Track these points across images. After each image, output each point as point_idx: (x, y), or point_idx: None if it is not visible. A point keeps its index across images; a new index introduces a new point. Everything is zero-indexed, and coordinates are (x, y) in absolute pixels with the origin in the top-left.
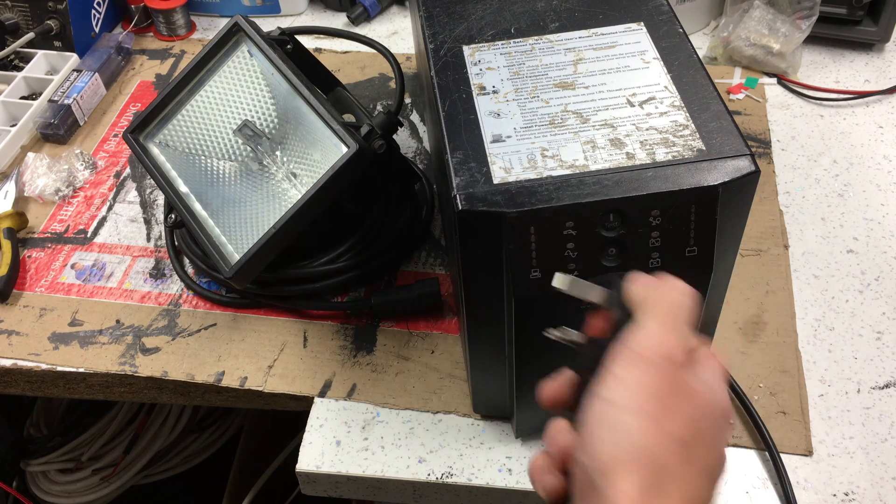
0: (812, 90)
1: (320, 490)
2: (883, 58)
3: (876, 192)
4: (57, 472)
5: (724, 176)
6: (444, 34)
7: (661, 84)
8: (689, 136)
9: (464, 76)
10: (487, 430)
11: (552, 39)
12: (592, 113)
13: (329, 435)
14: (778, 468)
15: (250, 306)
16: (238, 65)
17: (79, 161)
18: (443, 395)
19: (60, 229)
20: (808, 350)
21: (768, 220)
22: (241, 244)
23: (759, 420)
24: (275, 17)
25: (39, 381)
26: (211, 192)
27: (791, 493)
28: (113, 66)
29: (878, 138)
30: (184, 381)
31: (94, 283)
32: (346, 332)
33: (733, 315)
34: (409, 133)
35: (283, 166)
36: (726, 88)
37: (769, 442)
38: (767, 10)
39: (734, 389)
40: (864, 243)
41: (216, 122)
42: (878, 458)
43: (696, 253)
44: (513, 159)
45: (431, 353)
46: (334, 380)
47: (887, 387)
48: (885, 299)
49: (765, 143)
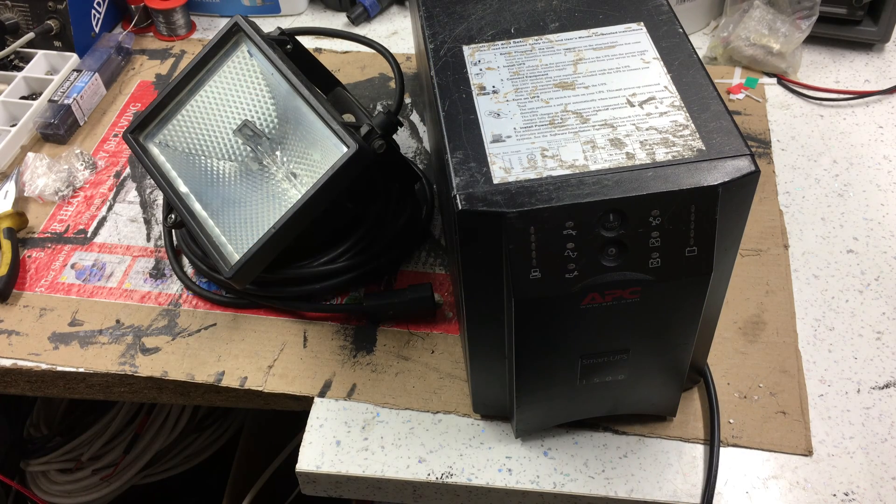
0: (812, 90)
1: (320, 490)
2: (883, 58)
3: (876, 192)
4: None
5: (724, 176)
6: (444, 34)
7: (661, 84)
8: (689, 136)
9: (464, 76)
10: (487, 430)
11: (552, 39)
12: (592, 113)
13: (329, 435)
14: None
15: (250, 306)
16: (238, 65)
17: (79, 161)
18: (443, 395)
19: (60, 229)
20: (808, 350)
21: (768, 220)
22: (240, 244)
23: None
24: (275, 17)
25: (39, 381)
26: (211, 192)
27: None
28: (113, 66)
29: (878, 138)
30: (184, 381)
31: (94, 283)
32: (346, 332)
33: (733, 315)
34: (409, 133)
35: (283, 166)
36: (726, 88)
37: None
38: (767, 10)
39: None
40: (864, 243)
41: (216, 122)
42: (878, 458)
43: (696, 253)
44: (513, 159)
45: (431, 353)
46: (334, 380)
47: (887, 387)
48: (885, 299)
49: (765, 143)
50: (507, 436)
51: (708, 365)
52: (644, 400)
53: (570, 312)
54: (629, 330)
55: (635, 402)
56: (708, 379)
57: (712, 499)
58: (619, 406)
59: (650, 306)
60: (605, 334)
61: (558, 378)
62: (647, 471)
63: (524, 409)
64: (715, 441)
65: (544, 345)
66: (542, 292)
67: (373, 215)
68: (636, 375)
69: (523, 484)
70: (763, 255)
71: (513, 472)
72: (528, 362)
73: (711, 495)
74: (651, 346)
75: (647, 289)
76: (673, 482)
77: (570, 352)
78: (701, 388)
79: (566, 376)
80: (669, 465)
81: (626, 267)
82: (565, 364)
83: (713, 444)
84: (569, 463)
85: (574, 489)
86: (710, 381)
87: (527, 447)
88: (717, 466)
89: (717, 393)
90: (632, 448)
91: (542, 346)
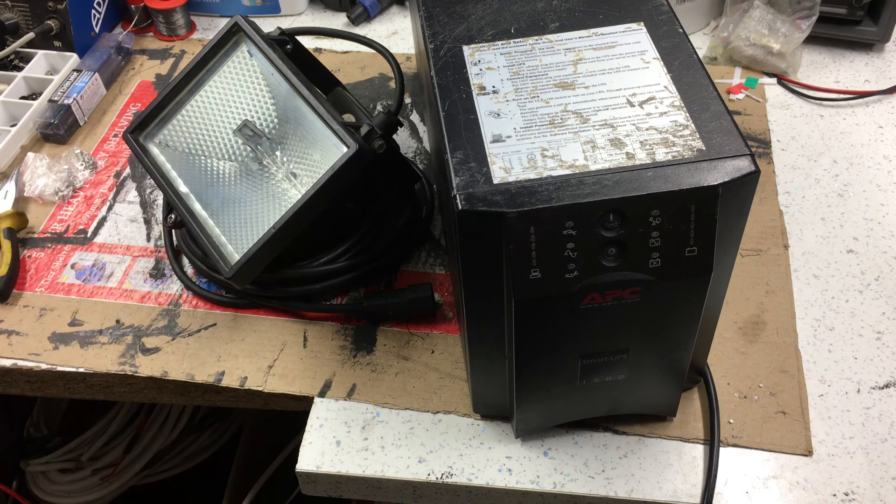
0: (812, 90)
1: (320, 490)
2: (883, 58)
3: (876, 192)
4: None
5: (724, 176)
6: (444, 34)
7: (661, 84)
8: (689, 136)
9: (464, 76)
10: (487, 430)
11: (552, 39)
12: (592, 113)
13: (329, 435)
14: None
15: (250, 306)
16: (238, 65)
17: (79, 161)
18: (443, 395)
19: (60, 229)
20: (808, 350)
21: (768, 220)
22: (240, 244)
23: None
24: (275, 17)
25: (39, 381)
26: (211, 192)
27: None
28: (113, 66)
29: (878, 138)
30: (184, 381)
31: (94, 283)
32: (345, 332)
33: (733, 315)
34: (409, 133)
35: (283, 166)
36: (726, 88)
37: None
38: (767, 10)
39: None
40: (864, 243)
41: (216, 123)
42: (878, 458)
43: (696, 253)
44: (513, 159)
45: (431, 353)
46: (334, 380)
47: (887, 387)
48: (885, 299)
49: (765, 143)
50: (507, 436)
51: (708, 365)
52: (644, 400)
53: (570, 312)
54: (629, 330)
55: (635, 402)
56: (708, 379)
57: (712, 499)
58: (619, 406)
59: (650, 306)
60: (605, 334)
61: (558, 378)
62: (647, 471)
63: (524, 409)
64: (715, 441)
65: (544, 345)
66: (542, 292)
67: (373, 215)
68: (636, 375)
69: (523, 484)
70: (763, 255)
71: (513, 472)
72: (528, 362)
73: (711, 495)
74: (651, 346)
75: (647, 289)
76: (673, 482)
77: (570, 352)
78: (701, 388)
79: (566, 376)
80: (669, 465)
81: (626, 267)
82: (565, 364)
83: (713, 444)
84: (569, 463)
85: (574, 489)
86: (710, 381)
87: (527, 447)
88: (717, 466)
89: (717, 393)
90: (632, 448)
91: (542, 346)
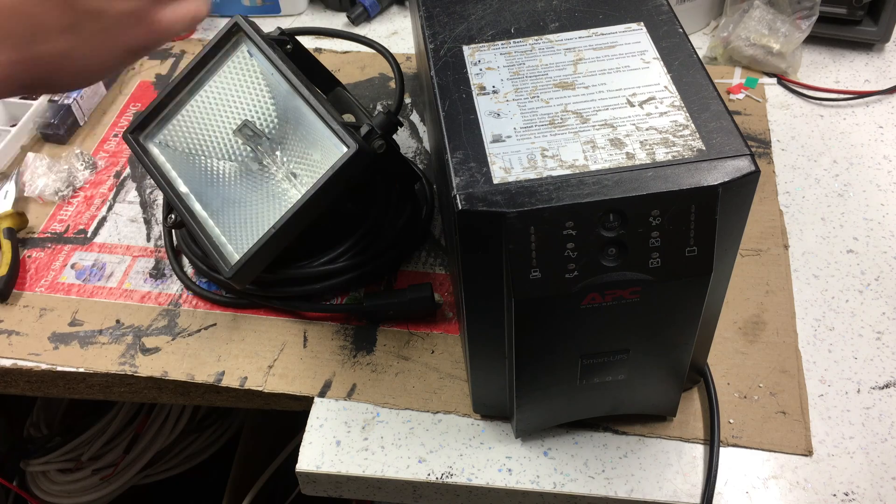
0: (812, 90)
1: (320, 490)
2: (883, 58)
3: (876, 192)
4: (57, 472)
5: (724, 176)
6: (444, 34)
7: (661, 84)
8: (689, 136)
9: (464, 76)
10: (487, 430)
11: (552, 39)
12: (592, 113)
13: (329, 435)
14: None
15: (250, 306)
16: (238, 65)
17: (79, 161)
18: (443, 395)
19: (60, 229)
20: (808, 350)
21: (768, 220)
22: (240, 244)
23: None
24: (275, 17)
25: (39, 381)
26: (211, 192)
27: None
28: None
29: (878, 138)
30: (184, 381)
31: (94, 283)
32: (346, 332)
33: (733, 315)
34: (409, 133)
35: (282, 166)
36: (726, 88)
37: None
38: (767, 10)
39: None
40: (864, 243)
41: (216, 123)
42: (878, 458)
43: (696, 253)
44: (513, 159)
45: (431, 353)
46: (334, 380)
47: (887, 387)
48: (885, 299)
49: (765, 143)
50: (507, 436)
51: (708, 365)
52: (644, 400)
53: (570, 312)
54: (629, 330)
55: (635, 402)
56: (708, 379)
57: (712, 499)
58: (619, 406)
59: (650, 306)
60: (605, 334)
61: (558, 378)
62: (647, 471)
63: (524, 409)
64: (715, 441)
65: (544, 345)
66: (542, 292)
67: (373, 215)
68: (636, 375)
69: (523, 484)
70: (763, 255)
71: (513, 472)
72: (528, 362)
73: (711, 495)
74: (651, 346)
75: (647, 289)
76: (673, 482)
77: (570, 352)
78: (701, 388)
79: (566, 376)
80: (669, 465)
81: (626, 267)
82: (565, 364)
83: (713, 444)
84: (569, 463)
85: (574, 489)
86: (710, 381)
87: (527, 447)
88: (717, 466)
89: (717, 393)
90: (632, 448)
91: (542, 346)
